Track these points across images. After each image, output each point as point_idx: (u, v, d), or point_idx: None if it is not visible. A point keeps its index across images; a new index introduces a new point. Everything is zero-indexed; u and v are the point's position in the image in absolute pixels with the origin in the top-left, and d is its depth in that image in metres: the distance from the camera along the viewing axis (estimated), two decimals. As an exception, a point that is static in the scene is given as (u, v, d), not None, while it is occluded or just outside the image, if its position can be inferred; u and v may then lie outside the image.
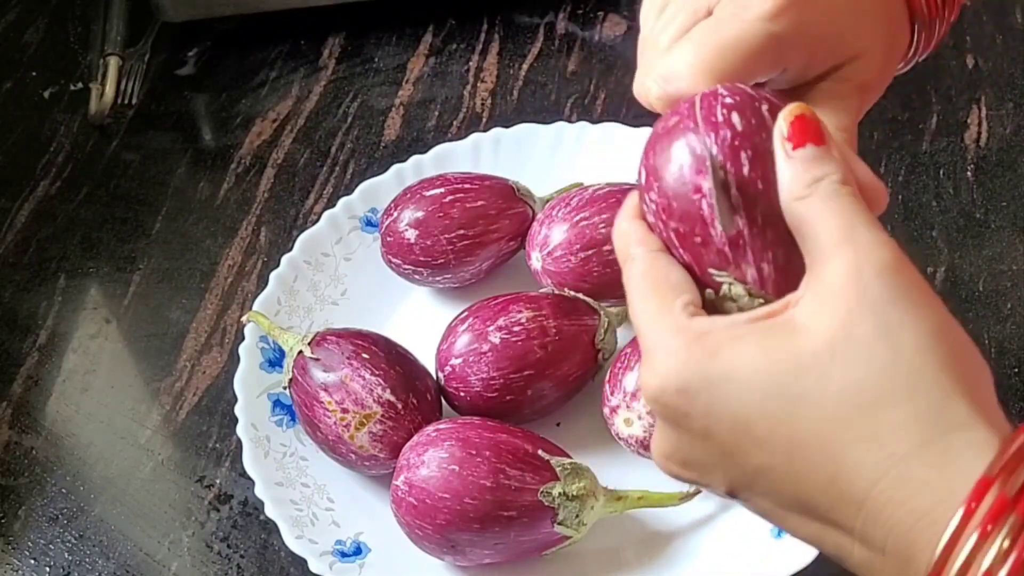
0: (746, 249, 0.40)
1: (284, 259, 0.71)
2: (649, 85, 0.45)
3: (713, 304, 0.41)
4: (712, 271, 0.41)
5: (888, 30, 0.48)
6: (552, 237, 0.67)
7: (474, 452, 0.58)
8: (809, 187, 0.38)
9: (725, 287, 0.41)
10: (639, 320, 0.41)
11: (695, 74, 0.43)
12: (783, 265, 0.40)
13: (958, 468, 0.34)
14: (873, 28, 0.47)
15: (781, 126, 0.40)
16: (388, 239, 0.70)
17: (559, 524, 0.58)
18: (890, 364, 0.35)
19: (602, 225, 0.66)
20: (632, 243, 0.42)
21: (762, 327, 0.38)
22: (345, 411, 0.61)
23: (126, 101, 0.87)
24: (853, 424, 0.35)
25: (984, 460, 0.34)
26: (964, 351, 0.36)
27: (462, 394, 0.64)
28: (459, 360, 0.63)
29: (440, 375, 0.65)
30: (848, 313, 0.36)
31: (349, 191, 0.75)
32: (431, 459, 0.58)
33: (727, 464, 0.39)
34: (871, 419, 0.35)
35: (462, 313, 0.65)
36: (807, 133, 0.39)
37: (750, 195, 0.40)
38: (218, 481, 0.67)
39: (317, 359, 0.63)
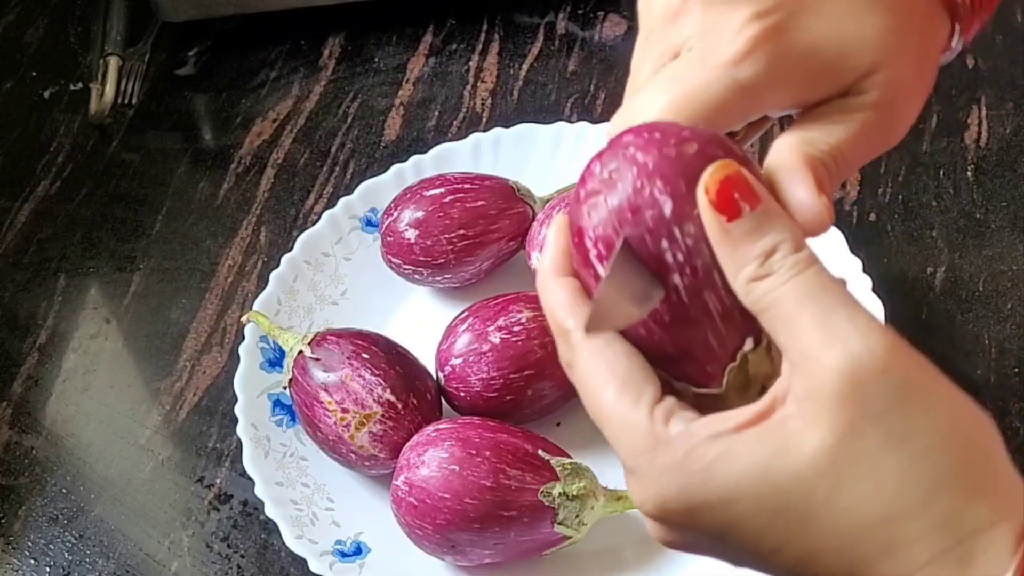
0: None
1: (284, 259, 0.71)
2: (616, 127, 0.40)
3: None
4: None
5: (914, 31, 0.42)
6: (552, 237, 0.67)
7: (474, 452, 0.58)
8: (762, 266, 0.34)
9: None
10: (604, 425, 0.37)
11: None
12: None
13: (979, 570, 0.33)
14: (889, 36, 0.41)
15: (705, 193, 0.35)
16: (388, 239, 0.70)
17: (559, 524, 0.58)
18: (902, 476, 0.33)
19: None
20: (567, 316, 0.38)
21: (752, 437, 0.34)
22: (345, 411, 0.61)
23: (126, 101, 0.87)
24: (869, 538, 0.34)
25: (1004, 560, 0.33)
26: (976, 433, 0.34)
27: (462, 394, 0.64)
28: (459, 360, 0.63)
29: (440, 375, 0.65)
30: (850, 426, 0.33)
31: (349, 191, 0.74)
32: (431, 459, 0.58)
33: (737, 558, 0.37)
34: (888, 532, 0.33)
35: (462, 313, 0.65)
36: (738, 196, 0.34)
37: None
38: (218, 481, 0.67)
39: (317, 359, 0.63)
